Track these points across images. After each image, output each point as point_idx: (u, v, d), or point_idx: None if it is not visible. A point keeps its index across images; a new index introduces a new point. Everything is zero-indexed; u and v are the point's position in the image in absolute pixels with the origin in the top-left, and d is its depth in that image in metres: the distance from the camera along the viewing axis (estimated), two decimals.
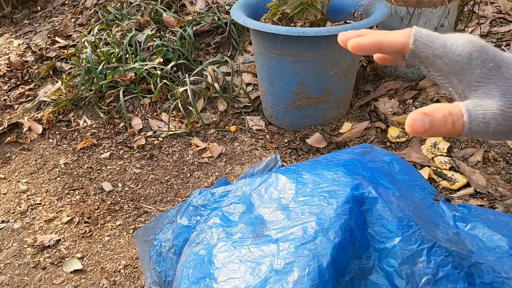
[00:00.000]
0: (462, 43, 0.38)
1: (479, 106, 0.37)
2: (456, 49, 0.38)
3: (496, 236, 0.88)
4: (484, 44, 0.38)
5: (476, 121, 0.37)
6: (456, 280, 0.70)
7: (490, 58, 0.37)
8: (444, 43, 0.38)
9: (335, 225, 0.71)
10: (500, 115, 0.37)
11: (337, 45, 1.44)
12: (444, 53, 0.38)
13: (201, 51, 2.09)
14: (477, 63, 0.37)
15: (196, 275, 0.77)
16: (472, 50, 0.37)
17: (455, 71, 0.38)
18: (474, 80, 0.38)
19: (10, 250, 1.31)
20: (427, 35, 0.39)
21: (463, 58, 0.37)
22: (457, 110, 0.37)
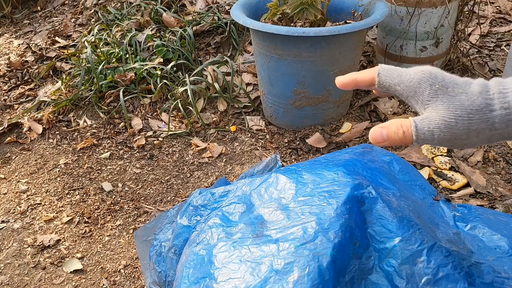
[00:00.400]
0: (414, 72, 0.48)
1: (426, 118, 0.46)
2: (408, 77, 0.48)
3: (496, 236, 0.88)
4: (434, 71, 0.47)
5: (422, 130, 0.46)
6: (456, 280, 0.70)
7: (437, 81, 0.46)
8: (400, 74, 0.48)
9: (335, 225, 0.71)
10: (442, 124, 0.45)
11: (337, 45, 1.44)
12: (400, 81, 0.48)
13: (201, 51, 2.09)
14: (426, 86, 0.46)
15: (196, 275, 0.77)
16: (421, 76, 0.47)
17: (410, 94, 0.48)
18: (425, 100, 0.47)
19: (10, 250, 1.31)
20: (388, 69, 0.49)
21: (415, 83, 0.47)
22: (407, 123, 0.47)
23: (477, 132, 0.45)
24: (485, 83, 0.46)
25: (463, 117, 0.45)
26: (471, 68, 1.85)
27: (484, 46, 2.05)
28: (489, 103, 0.44)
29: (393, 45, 1.74)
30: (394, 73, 0.49)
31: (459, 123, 0.45)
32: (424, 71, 0.47)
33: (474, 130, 0.45)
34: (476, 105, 0.44)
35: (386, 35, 1.75)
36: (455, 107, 0.45)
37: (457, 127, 0.45)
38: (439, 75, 0.47)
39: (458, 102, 0.45)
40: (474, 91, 0.45)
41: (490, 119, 0.44)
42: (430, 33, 1.67)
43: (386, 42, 1.76)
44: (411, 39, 1.70)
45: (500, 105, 0.44)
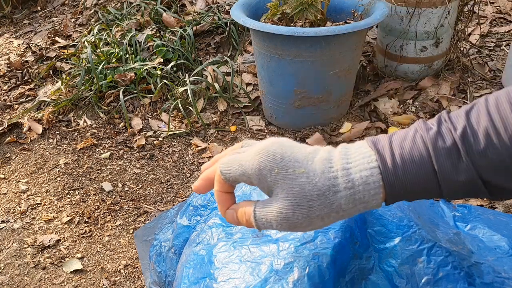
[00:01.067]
0: (253, 158, 0.42)
1: (265, 207, 0.42)
2: (249, 165, 0.42)
3: (496, 236, 0.88)
4: (272, 150, 0.41)
5: (261, 221, 0.42)
6: (456, 280, 0.70)
7: (276, 163, 0.41)
8: (240, 163, 0.43)
9: (335, 225, 0.71)
10: (279, 216, 0.41)
11: (337, 45, 1.44)
12: (243, 171, 0.42)
13: (201, 51, 2.09)
14: (266, 172, 0.41)
15: (196, 275, 0.77)
16: (260, 161, 0.41)
17: (256, 182, 0.42)
18: (269, 186, 0.41)
19: (10, 250, 1.31)
20: (227, 162, 0.44)
21: (255, 171, 0.41)
22: (249, 211, 0.43)
23: (321, 217, 0.40)
24: (328, 157, 0.41)
25: (302, 206, 0.40)
26: (471, 68, 1.85)
27: (484, 46, 2.05)
28: (332, 184, 0.39)
29: (393, 45, 1.74)
30: (235, 165, 0.43)
31: (297, 213, 0.40)
32: (262, 153, 0.41)
33: (316, 217, 0.40)
34: (317, 189, 0.39)
35: (386, 35, 1.75)
36: (294, 194, 0.40)
37: (295, 217, 0.40)
38: (278, 155, 0.41)
39: (298, 188, 0.40)
40: (316, 170, 0.40)
41: (334, 202, 0.40)
42: (430, 33, 1.67)
43: (386, 42, 1.76)
44: (411, 39, 1.69)
45: (344, 185, 0.39)
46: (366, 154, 0.40)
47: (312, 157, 0.41)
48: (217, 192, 0.46)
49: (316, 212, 0.40)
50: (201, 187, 0.48)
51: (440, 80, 1.76)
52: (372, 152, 0.40)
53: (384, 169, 0.39)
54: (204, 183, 0.47)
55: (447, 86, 1.73)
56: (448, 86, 1.73)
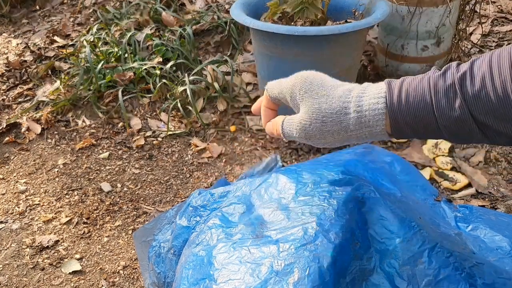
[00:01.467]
0: (290, 79, 0.53)
1: (290, 119, 0.53)
2: (285, 84, 0.53)
3: (498, 237, 0.87)
4: (305, 75, 0.51)
5: (286, 129, 0.53)
6: (458, 281, 0.69)
7: (305, 85, 0.50)
8: (280, 83, 0.55)
9: (336, 225, 0.70)
10: (298, 126, 0.51)
11: (337, 44, 1.43)
12: (281, 89, 0.54)
13: (200, 50, 2.08)
14: (296, 90, 0.51)
15: (195, 276, 0.77)
16: (293, 82, 0.52)
17: (288, 99, 0.53)
18: (297, 103, 0.52)
19: (8, 251, 1.30)
20: (272, 83, 0.57)
21: (289, 89, 0.52)
22: (279, 122, 0.55)
23: (332, 133, 0.48)
24: (351, 88, 0.48)
25: (317, 120, 0.48)
26: None
27: (485, 45, 2.04)
28: (345, 107, 0.47)
29: (394, 44, 1.74)
30: (277, 84, 0.55)
31: (312, 125, 0.49)
32: (297, 77, 0.52)
33: (327, 131, 0.48)
34: (332, 108, 0.47)
35: (387, 35, 1.75)
36: (312, 110, 0.49)
37: (311, 128, 0.49)
38: (309, 79, 0.51)
39: (317, 105, 0.48)
40: (336, 95, 0.48)
41: (344, 121, 0.47)
42: (431, 32, 1.67)
43: (387, 41, 1.76)
44: (412, 38, 1.69)
45: (354, 108, 0.46)
46: (378, 87, 0.48)
47: (337, 86, 0.49)
48: (263, 107, 0.58)
49: (328, 127, 0.48)
50: (256, 108, 0.61)
51: None
52: (384, 86, 0.48)
53: (390, 100, 0.46)
54: (259, 105, 0.60)
55: None
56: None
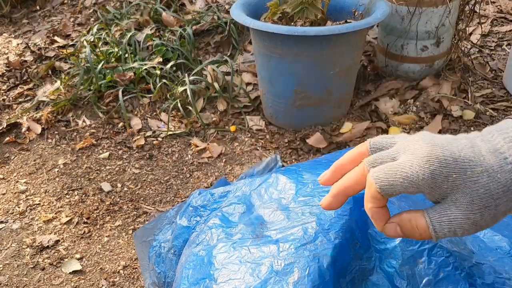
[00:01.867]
0: (420, 166, 0.38)
1: (445, 216, 0.38)
2: (417, 176, 0.38)
3: (497, 237, 0.87)
4: (441, 156, 0.38)
5: (442, 232, 0.39)
6: (457, 281, 0.69)
7: (451, 168, 0.38)
8: (405, 175, 0.38)
9: (336, 225, 0.71)
10: (466, 223, 0.38)
11: (337, 44, 1.44)
12: (410, 184, 0.38)
13: (200, 50, 2.08)
14: (442, 179, 0.38)
15: (195, 276, 0.77)
16: (432, 170, 0.38)
17: (425, 191, 0.39)
18: (443, 193, 0.38)
19: (9, 251, 1.31)
20: (385, 179, 0.39)
21: (428, 181, 0.38)
22: (423, 224, 0.39)
23: (505, 212, 0.38)
24: (495, 147, 0.38)
25: (490, 207, 0.37)
26: (472, 68, 1.84)
27: (485, 45, 2.04)
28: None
29: (394, 44, 1.74)
30: (398, 178, 0.39)
31: (485, 215, 0.38)
32: (432, 161, 0.38)
33: (502, 213, 0.38)
34: (502, 185, 0.37)
35: (387, 35, 1.75)
36: (480, 197, 0.37)
37: (483, 219, 0.38)
38: (450, 158, 0.38)
39: (483, 189, 0.37)
40: (494, 165, 0.37)
41: None
42: (431, 32, 1.67)
43: (386, 41, 1.76)
44: (412, 38, 1.69)
45: None
46: None
47: (478, 151, 0.39)
48: (372, 209, 0.41)
49: (502, 209, 0.38)
50: (335, 204, 0.44)
51: (441, 79, 1.76)
52: None
53: None
54: (340, 200, 0.43)
55: (448, 85, 1.73)
56: (449, 86, 1.72)
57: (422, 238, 0.40)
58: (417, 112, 1.65)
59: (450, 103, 1.67)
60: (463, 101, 1.67)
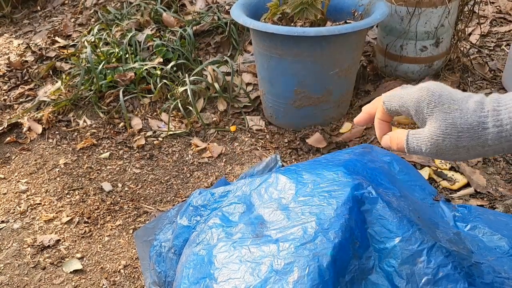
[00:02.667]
0: (414, 91, 0.50)
1: (417, 133, 0.50)
2: (409, 97, 0.50)
3: (496, 236, 0.88)
4: (432, 88, 0.49)
5: (412, 145, 0.50)
6: (456, 280, 0.69)
7: (434, 98, 0.48)
8: (401, 96, 0.51)
9: (335, 225, 0.71)
10: (429, 141, 0.48)
11: (337, 44, 1.44)
12: (403, 102, 0.51)
13: (201, 51, 2.09)
14: (424, 105, 0.49)
15: (196, 275, 0.77)
16: (419, 95, 0.49)
17: (413, 113, 0.50)
18: (424, 117, 0.49)
19: (10, 250, 1.31)
20: (390, 95, 0.53)
21: (414, 102, 0.49)
22: (402, 136, 0.52)
23: (467, 148, 0.47)
24: (481, 100, 0.47)
25: (452, 135, 0.47)
26: (471, 68, 1.85)
27: (484, 46, 2.05)
28: (482, 121, 0.45)
29: (393, 45, 1.74)
30: (396, 97, 0.52)
31: (446, 141, 0.47)
32: (423, 89, 0.49)
33: (463, 147, 0.47)
34: (468, 123, 0.46)
35: (386, 35, 1.75)
36: (446, 124, 0.47)
37: (444, 143, 0.47)
38: (437, 92, 0.49)
39: (451, 120, 0.47)
40: (469, 108, 0.47)
41: (482, 136, 0.45)
42: (430, 33, 1.67)
43: (386, 42, 1.76)
44: (411, 39, 1.69)
45: (493, 123, 0.45)
46: None
47: (466, 98, 0.48)
48: (377, 120, 0.55)
49: (463, 143, 0.46)
50: (362, 120, 0.58)
51: (440, 80, 1.76)
52: None
53: None
54: (365, 116, 0.57)
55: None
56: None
57: (399, 148, 0.52)
58: None
59: None
60: None
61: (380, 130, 0.56)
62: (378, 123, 0.55)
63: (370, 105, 0.56)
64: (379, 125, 0.56)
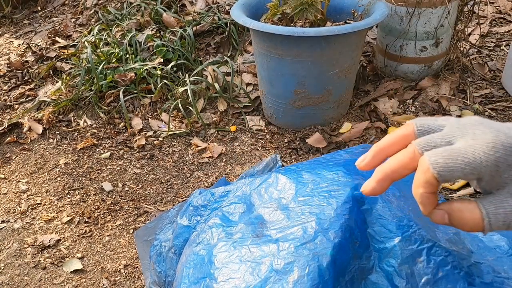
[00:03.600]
0: (485, 152, 0.36)
1: (501, 209, 0.36)
2: (481, 162, 0.35)
3: (496, 236, 0.88)
4: (506, 143, 0.36)
5: (497, 224, 0.36)
6: (456, 280, 0.70)
7: None
8: (467, 160, 0.36)
9: (335, 225, 0.71)
10: None
11: (337, 45, 1.44)
12: (472, 170, 0.36)
13: (201, 51, 2.09)
14: (504, 168, 0.36)
15: (196, 275, 0.77)
16: (497, 157, 0.36)
17: (485, 178, 0.36)
18: (501, 182, 0.36)
19: (10, 250, 1.31)
20: (444, 163, 0.36)
21: (491, 167, 0.36)
22: (477, 216, 0.36)
23: None
24: None
25: None
26: (471, 68, 1.85)
27: (484, 46, 2.05)
28: None
29: (393, 45, 1.74)
30: (459, 164, 0.36)
31: None
32: (497, 148, 0.36)
33: None
34: None
35: (386, 35, 1.76)
36: None
37: None
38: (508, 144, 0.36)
39: None
40: None
41: None
42: (430, 33, 1.67)
43: (386, 42, 1.76)
44: (411, 39, 1.70)
45: None
46: None
47: None
48: (424, 195, 0.39)
49: None
50: (380, 189, 0.41)
51: (440, 80, 1.76)
52: None
53: None
54: (385, 185, 0.40)
55: (447, 86, 1.73)
56: (448, 86, 1.73)
57: (471, 229, 0.37)
58: (416, 112, 1.65)
59: (449, 103, 1.68)
60: (462, 101, 1.68)
61: (429, 205, 0.40)
62: (425, 197, 0.39)
63: (389, 168, 0.40)
64: (429, 200, 0.39)
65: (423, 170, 0.37)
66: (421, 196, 0.39)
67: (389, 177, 0.40)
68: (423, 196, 0.39)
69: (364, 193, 0.41)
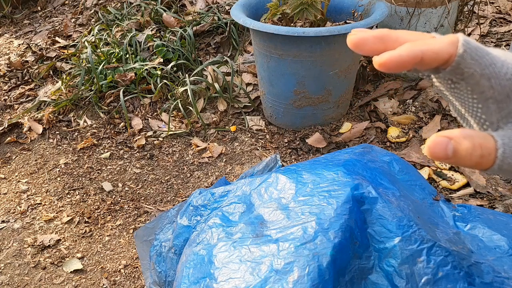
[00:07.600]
0: None
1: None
2: (507, 71, 0.31)
3: (496, 236, 0.88)
4: None
5: (509, 159, 0.31)
6: (456, 280, 0.70)
7: None
8: (493, 61, 0.31)
9: (335, 225, 0.71)
10: None
11: (337, 45, 1.44)
12: (494, 74, 0.31)
13: (201, 51, 2.09)
14: None
15: (196, 275, 0.77)
16: None
17: (499, 98, 0.31)
18: (510, 113, 0.32)
19: (10, 250, 1.31)
20: (477, 47, 0.31)
21: (511, 86, 0.31)
22: (491, 143, 0.31)
23: None
24: None
25: None
26: None
27: None
28: None
29: None
30: (487, 58, 0.31)
31: None
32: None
33: None
34: None
35: None
36: None
37: None
38: None
39: None
40: None
41: None
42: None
43: None
44: None
45: None
46: None
47: None
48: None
49: None
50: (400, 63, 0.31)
51: None
52: None
53: None
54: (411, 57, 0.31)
55: None
56: None
57: (479, 163, 0.31)
58: (416, 112, 1.66)
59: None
60: None
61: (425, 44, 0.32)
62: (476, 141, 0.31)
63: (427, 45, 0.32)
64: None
65: (451, 40, 0.32)
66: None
67: (419, 56, 0.32)
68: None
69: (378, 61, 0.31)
